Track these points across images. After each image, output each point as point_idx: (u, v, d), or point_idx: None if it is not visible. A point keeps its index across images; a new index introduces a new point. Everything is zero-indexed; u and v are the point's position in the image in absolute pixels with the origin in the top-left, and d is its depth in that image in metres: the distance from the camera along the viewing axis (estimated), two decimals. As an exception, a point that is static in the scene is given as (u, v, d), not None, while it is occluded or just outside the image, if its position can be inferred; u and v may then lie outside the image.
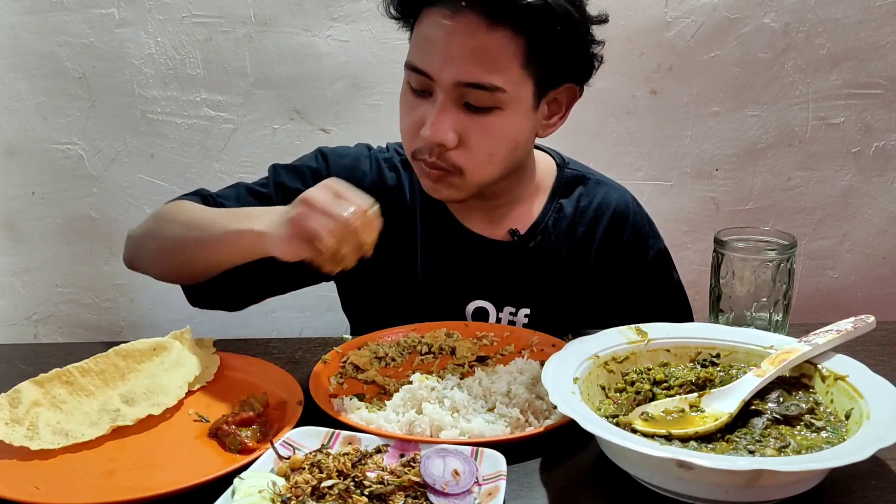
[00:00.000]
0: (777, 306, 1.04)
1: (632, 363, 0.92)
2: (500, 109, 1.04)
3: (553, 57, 1.05)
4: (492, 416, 0.85)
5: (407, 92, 1.09)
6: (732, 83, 1.89)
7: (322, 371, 0.98)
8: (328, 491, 0.70)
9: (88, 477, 0.78)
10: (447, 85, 1.02)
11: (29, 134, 1.83)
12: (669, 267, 1.29)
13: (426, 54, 1.03)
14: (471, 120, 1.05)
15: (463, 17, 1.00)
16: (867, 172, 1.97)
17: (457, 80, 1.02)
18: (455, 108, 1.04)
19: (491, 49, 1.01)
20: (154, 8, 1.77)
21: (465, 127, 1.05)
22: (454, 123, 1.04)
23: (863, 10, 1.85)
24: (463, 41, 1.00)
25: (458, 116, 1.04)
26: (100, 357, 0.95)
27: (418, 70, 1.04)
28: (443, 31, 1.01)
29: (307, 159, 1.24)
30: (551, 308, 1.21)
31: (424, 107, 1.06)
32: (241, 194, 1.18)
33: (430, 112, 1.05)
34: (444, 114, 1.03)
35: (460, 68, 1.01)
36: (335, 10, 1.79)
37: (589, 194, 1.25)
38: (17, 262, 1.92)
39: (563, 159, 1.28)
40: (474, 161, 1.07)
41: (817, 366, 0.86)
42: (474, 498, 0.71)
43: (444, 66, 1.02)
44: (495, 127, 1.06)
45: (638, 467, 0.74)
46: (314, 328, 1.92)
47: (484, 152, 1.07)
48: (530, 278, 1.21)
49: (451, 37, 1.01)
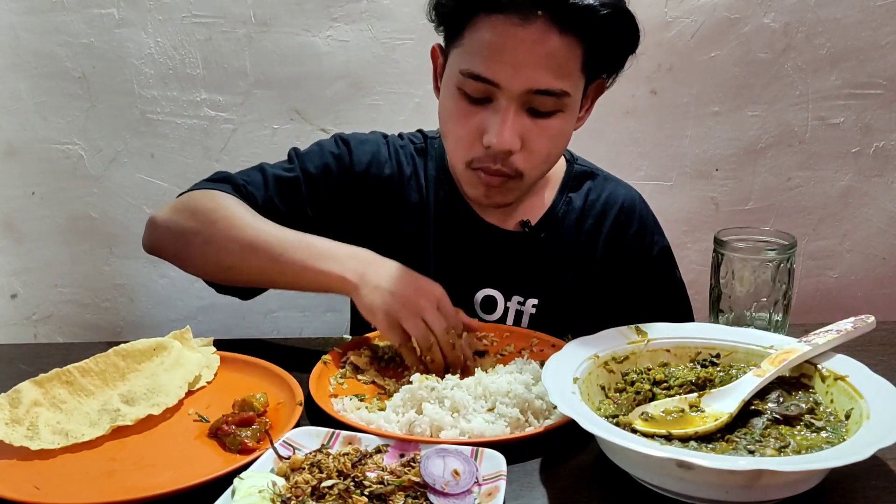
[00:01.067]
0: (777, 306, 1.04)
1: (632, 363, 0.92)
2: (562, 112, 1.05)
3: (608, 58, 1.07)
4: (492, 416, 0.85)
5: (459, 99, 1.06)
6: (732, 83, 1.89)
7: (322, 371, 0.98)
8: (328, 491, 0.70)
9: (88, 477, 0.78)
10: (516, 92, 1.01)
11: (29, 134, 1.83)
12: (672, 265, 1.31)
13: (492, 62, 1.01)
14: (534, 124, 1.05)
15: (534, 25, 0.98)
16: (867, 172, 1.97)
17: (528, 88, 1.01)
18: (520, 114, 1.03)
19: (560, 55, 1.00)
20: (154, 8, 1.77)
21: (528, 132, 1.05)
22: (520, 129, 1.04)
23: (863, 10, 1.85)
24: (534, 49, 0.99)
25: (523, 121, 1.04)
26: (100, 357, 0.95)
27: (482, 78, 1.02)
28: (512, 39, 0.99)
29: (328, 144, 1.24)
30: (558, 299, 1.23)
31: (483, 114, 1.05)
32: (269, 182, 1.17)
33: (492, 119, 1.03)
34: (510, 120, 1.02)
35: (531, 76, 1.00)
36: (335, 10, 1.79)
37: (597, 189, 1.27)
38: (17, 262, 1.92)
39: (571, 155, 1.30)
40: (533, 164, 1.08)
41: (817, 366, 0.87)
42: (474, 498, 0.71)
43: (515, 73, 1.00)
44: (556, 129, 1.06)
45: (638, 467, 0.74)
46: (314, 328, 1.92)
47: (543, 155, 1.08)
48: (539, 269, 1.22)
49: (521, 44, 0.99)
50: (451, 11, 1.05)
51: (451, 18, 1.06)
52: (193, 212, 1.11)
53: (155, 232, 1.17)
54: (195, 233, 1.09)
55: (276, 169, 1.20)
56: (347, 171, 1.21)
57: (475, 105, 1.05)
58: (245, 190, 1.16)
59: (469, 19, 1.03)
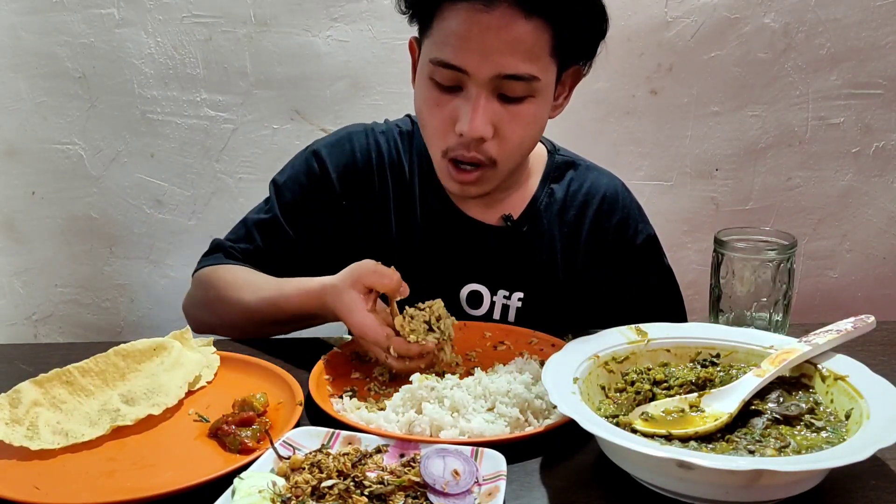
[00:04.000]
0: (777, 306, 1.04)
1: (632, 363, 0.92)
2: (533, 97, 1.05)
3: (576, 42, 1.07)
4: (491, 416, 0.85)
5: (431, 88, 1.07)
6: (732, 83, 1.89)
7: (322, 371, 0.98)
8: (328, 491, 0.70)
9: (88, 477, 0.78)
10: (484, 78, 1.01)
11: (29, 134, 1.83)
12: (659, 252, 1.30)
13: (459, 50, 1.01)
14: (505, 110, 1.04)
15: (499, 10, 0.99)
16: (867, 172, 1.97)
17: (496, 73, 1.01)
18: (491, 100, 1.03)
19: (527, 40, 1.01)
20: (154, 8, 1.77)
21: (500, 118, 1.05)
22: (491, 115, 1.04)
23: (863, 10, 1.85)
24: (499, 34, 0.99)
25: (494, 108, 1.04)
26: (100, 357, 0.95)
27: (450, 66, 1.02)
28: (477, 26, 1.00)
29: (300, 165, 1.26)
30: (544, 292, 1.23)
31: (455, 102, 1.05)
32: (252, 233, 1.25)
33: (463, 107, 1.04)
34: (481, 107, 1.02)
35: (498, 61, 1.00)
36: (335, 10, 1.79)
37: (579, 179, 1.27)
38: (17, 262, 1.92)
39: (553, 146, 1.29)
40: (507, 151, 1.08)
41: (817, 366, 0.86)
42: (474, 498, 0.71)
43: (482, 60, 1.01)
44: (528, 115, 1.06)
45: (638, 467, 0.74)
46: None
47: (516, 141, 1.08)
48: (523, 262, 1.22)
49: (487, 31, 0.99)
50: (417, 1, 1.07)
51: (418, 9, 1.07)
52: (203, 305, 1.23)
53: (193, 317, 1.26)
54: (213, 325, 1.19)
55: (256, 214, 1.27)
56: (325, 184, 1.23)
57: (447, 94, 1.05)
58: (235, 249, 1.24)
59: (436, 9, 1.04)
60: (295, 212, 1.23)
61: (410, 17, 1.10)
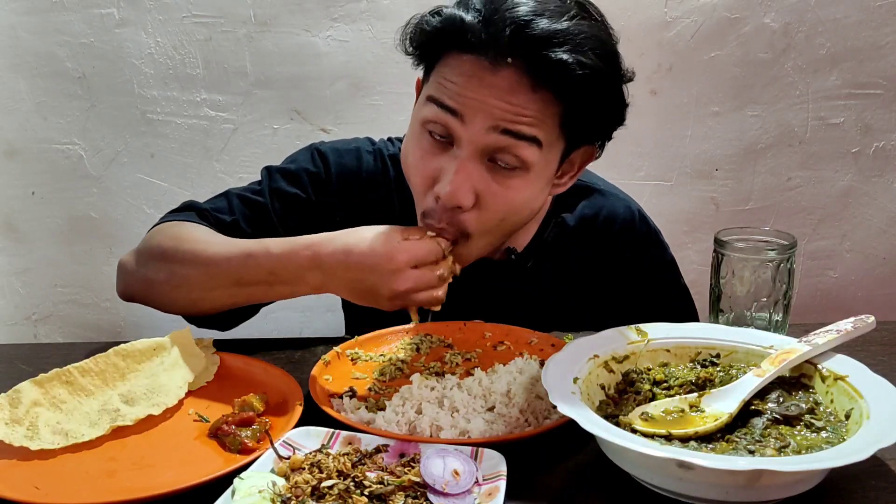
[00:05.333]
0: (777, 306, 1.04)
1: (632, 363, 0.92)
2: (526, 172, 0.94)
3: (589, 121, 0.98)
4: (491, 416, 0.85)
5: (421, 136, 0.97)
6: (732, 83, 1.89)
7: (322, 371, 0.98)
8: (328, 491, 0.70)
9: (88, 477, 0.78)
10: (479, 130, 0.91)
11: (29, 134, 1.83)
12: (677, 275, 1.26)
13: (457, 94, 0.92)
14: (492, 180, 0.94)
15: (505, 73, 0.90)
16: (867, 172, 1.97)
17: (494, 125, 0.91)
18: (478, 165, 0.93)
19: (533, 109, 0.91)
20: (154, 8, 1.77)
21: (485, 187, 0.94)
22: (476, 181, 0.93)
23: (863, 10, 1.85)
24: (503, 96, 0.90)
25: (480, 174, 0.93)
26: (100, 357, 0.95)
27: (445, 106, 0.92)
28: (481, 82, 0.91)
29: (303, 160, 1.18)
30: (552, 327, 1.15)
31: (442, 159, 0.95)
32: (234, 205, 1.13)
33: (448, 166, 0.93)
34: (466, 169, 0.92)
35: (499, 115, 0.91)
36: (335, 10, 1.79)
37: (593, 207, 1.19)
38: (17, 262, 1.92)
39: None
40: (484, 226, 0.97)
41: (817, 366, 0.86)
42: (474, 498, 0.71)
43: (480, 109, 0.91)
44: (516, 190, 0.95)
45: (638, 467, 0.74)
46: (314, 328, 1.92)
47: (497, 217, 0.97)
48: (530, 298, 1.17)
49: (490, 88, 0.90)
50: (422, 46, 0.99)
51: (424, 51, 0.99)
52: (153, 255, 1.06)
53: (123, 279, 1.12)
54: (157, 272, 1.05)
55: (242, 191, 1.16)
56: (324, 189, 1.16)
57: (436, 147, 0.96)
58: (210, 215, 1.12)
59: (440, 56, 0.96)
60: (287, 205, 1.14)
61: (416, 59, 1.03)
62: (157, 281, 1.05)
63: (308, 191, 1.16)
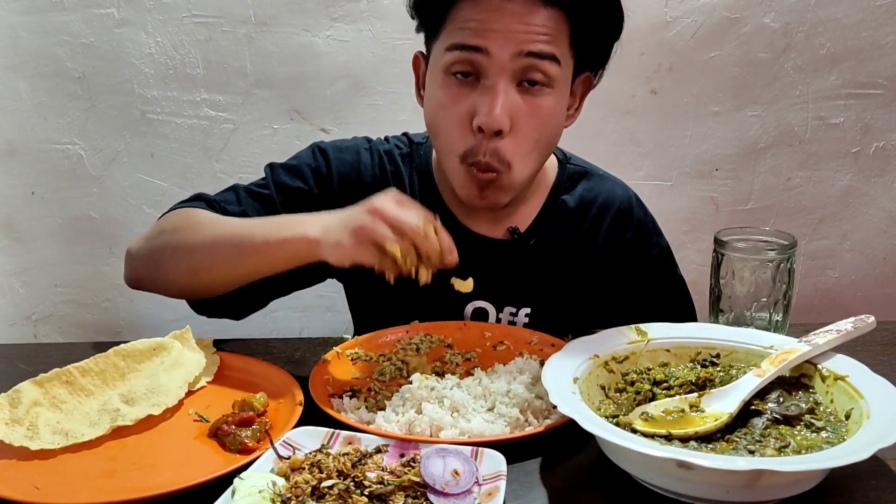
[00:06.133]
0: (777, 306, 1.04)
1: (632, 363, 0.92)
2: (551, 89, 1.04)
3: (592, 39, 1.07)
4: (491, 416, 0.85)
5: (447, 84, 1.04)
6: (732, 83, 1.89)
7: (322, 371, 0.98)
8: (328, 491, 0.70)
9: (88, 477, 0.78)
10: (506, 58, 1.00)
11: (29, 134, 1.83)
12: (672, 264, 1.30)
13: (479, 31, 1.00)
14: (524, 103, 1.02)
15: None
16: (867, 172, 1.97)
17: (518, 51, 1.00)
18: (510, 89, 1.02)
19: (549, 25, 1.01)
20: (154, 8, 1.77)
21: (518, 110, 1.02)
22: (510, 106, 1.02)
23: (863, 10, 1.85)
24: (521, 18, 1.00)
25: (512, 98, 1.02)
26: (100, 357, 0.95)
27: (470, 47, 1.00)
28: (498, 12, 0.99)
29: (305, 156, 1.22)
30: (552, 306, 1.20)
31: (472, 97, 1.03)
32: (241, 197, 1.16)
33: (481, 100, 1.02)
34: (500, 94, 1.00)
35: (521, 38, 1.00)
36: (335, 10, 1.79)
37: (593, 190, 1.24)
38: (16, 261, 1.92)
39: (564, 155, 1.27)
40: (521, 150, 1.05)
41: (817, 366, 0.86)
42: (474, 498, 0.71)
43: (504, 38, 1.00)
44: (545, 109, 1.04)
45: (638, 467, 0.74)
46: (314, 328, 1.92)
47: (532, 140, 1.05)
48: (531, 277, 1.20)
49: (507, 15, 0.99)
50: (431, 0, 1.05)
51: (432, 6, 1.05)
52: (161, 231, 1.10)
53: (131, 262, 1.14)
54: (163, 248, 1.08)
55: (249, 186, 1.19)
56: (325, 183, 1.19)
57: (464, 87, 1.03)
58: (219, 206, 1.15)
59: (452, 4, 1.03)
60: (291, 199, 1.17)
61: (420, 21, 1.08)
62: (163, 252, 1.07)
63: (310, 183, 1.19)
